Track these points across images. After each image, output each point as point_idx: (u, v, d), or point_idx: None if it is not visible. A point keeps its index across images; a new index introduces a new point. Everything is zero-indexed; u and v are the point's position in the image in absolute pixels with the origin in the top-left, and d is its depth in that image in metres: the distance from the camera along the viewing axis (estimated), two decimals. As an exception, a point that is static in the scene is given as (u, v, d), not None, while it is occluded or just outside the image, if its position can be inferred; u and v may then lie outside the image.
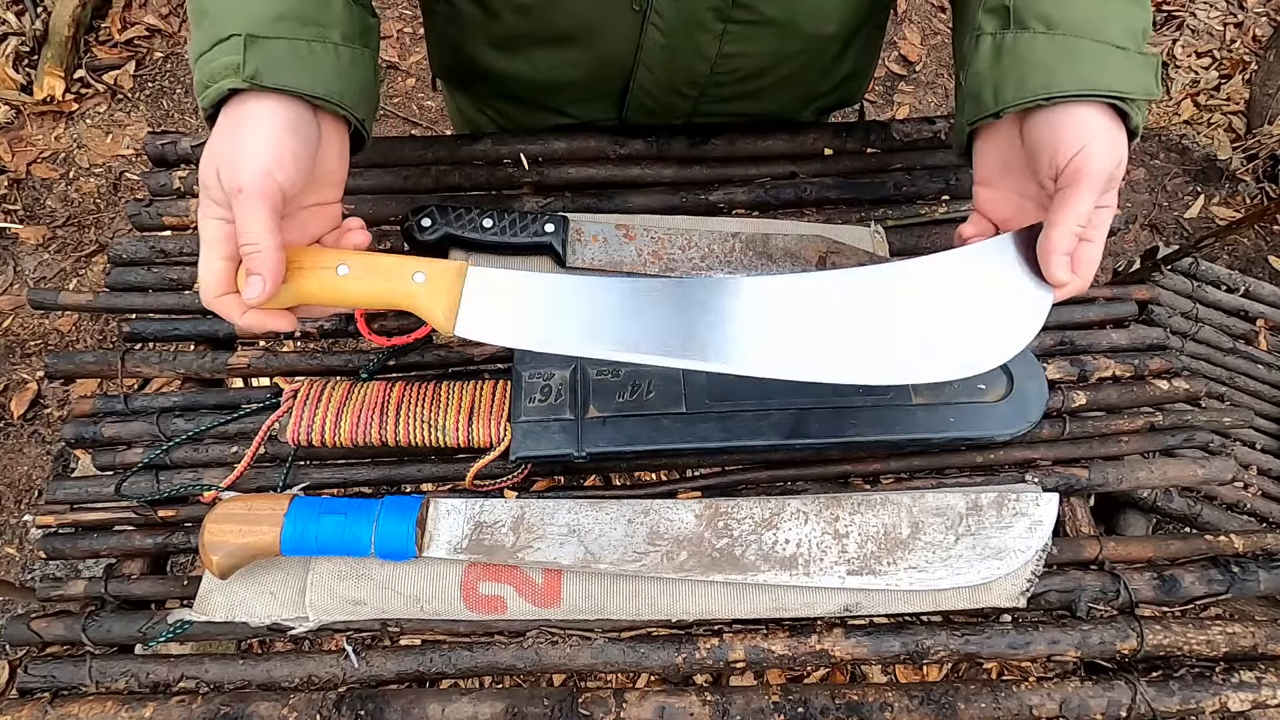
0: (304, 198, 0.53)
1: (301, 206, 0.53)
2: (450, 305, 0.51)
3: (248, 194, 0.46)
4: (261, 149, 0.47)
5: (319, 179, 0.53)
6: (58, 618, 0.59)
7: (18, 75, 2.00)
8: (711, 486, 0.63)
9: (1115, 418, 0.66)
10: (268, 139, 0.48)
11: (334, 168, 0.54)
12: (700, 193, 0.77)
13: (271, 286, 0.48)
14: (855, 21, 0.74)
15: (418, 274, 0.51)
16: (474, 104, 0.89)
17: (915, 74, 2.27)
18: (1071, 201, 0.49)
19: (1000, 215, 0.57)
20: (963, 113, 0.56)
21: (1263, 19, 2.36)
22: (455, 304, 0.51)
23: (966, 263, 0.53)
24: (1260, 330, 1.30)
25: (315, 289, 0.51)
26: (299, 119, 0.50)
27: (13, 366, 1.70)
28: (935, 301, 0.52)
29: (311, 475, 0.64)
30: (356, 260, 0.52)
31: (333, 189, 0.55)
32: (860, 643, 0.57)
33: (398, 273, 0.52)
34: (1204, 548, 0.62)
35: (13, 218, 1.87)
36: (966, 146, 0.58)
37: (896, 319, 0.51)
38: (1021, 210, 0.55)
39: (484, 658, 0.57)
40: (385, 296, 0.52)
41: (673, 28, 0.68)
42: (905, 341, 0.51)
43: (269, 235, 0.47)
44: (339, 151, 0.54)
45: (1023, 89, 0.51)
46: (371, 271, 0.52)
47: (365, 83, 0.55)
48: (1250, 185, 2.10)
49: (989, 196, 0.57)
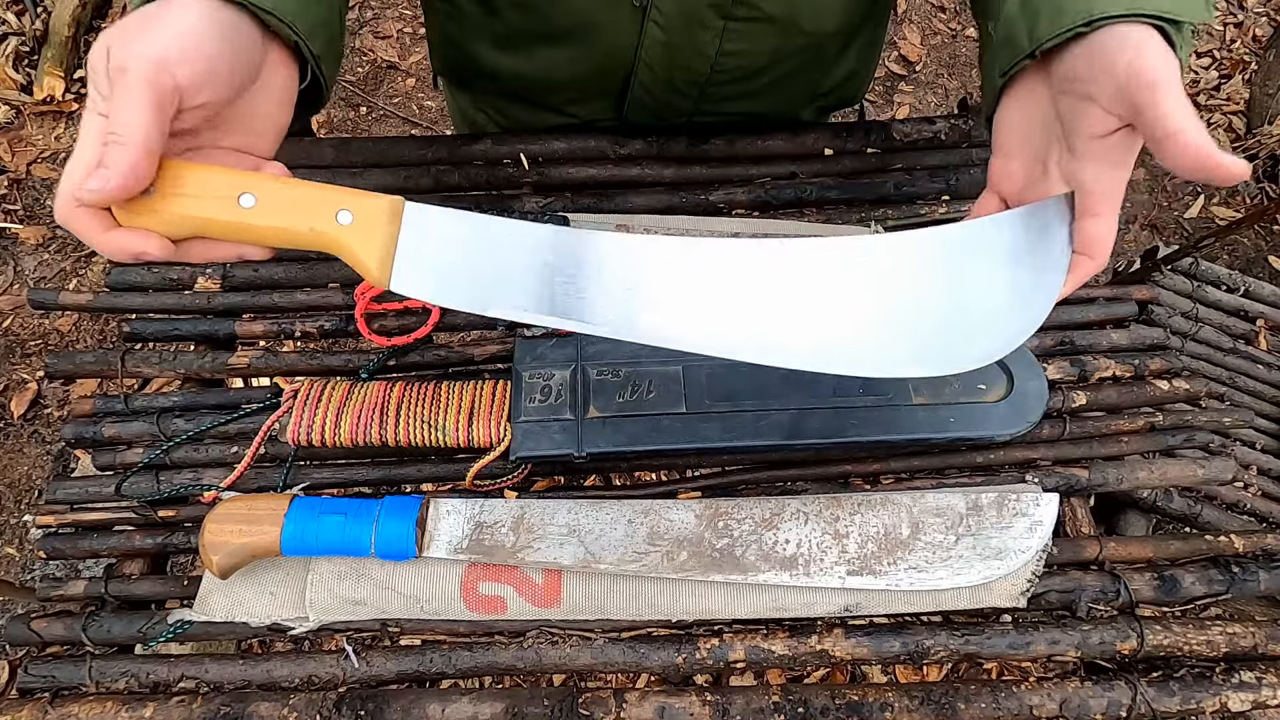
0: (222, 134, 0.44)
1: (216, 146, 0.44)
2: (384, 252, 0.42)
3: (131, 76, 0.38)
4: (168, 35, 0.39)
5: (248, 118, 0.44)
6: (58, 618, 0.59)
7: (18, 75, 2.00)
8: (712, 487, 0.63)
9: (1115, 418, 0.66)
10: (180, 28, 0.39)
11: (270, 110, 0.45)
12: (700, 193, 0.77)
13: (116, 185, 0.38)
14: (856, 19, 0.74)
15: (343, 212, 0.42)
16: (474, 103, 0.89)
17: (915, 74, 2.27)
18: (1161, 99, 0.40)
19: (1014, 188, 0.52)
20: (994, 67, 0.51)
21: (1263, 19, 2.35)
22: (390, 251, 0.42)
23: (966, 238, 0.47)
24: (1260, 330, 1.30)
25: (210, 221, 0.41)
26: (235, 27, 0.41)
27: (13, 366, 1.70)
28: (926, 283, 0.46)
29: (311, 475, 0.64)
30: (266, 189, 0.41)
31: (263, 137, 0.46)
32: (860, 643, 0.57)
33: (318, 209, 0.42)
34: (1204, 548, 0.62)
35: (13, 218, 1.87)
36: (993, 109, 0.52)
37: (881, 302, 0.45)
38: (1036, 181, 0.50)
39: (484, 658, 0.57)
40: (302, 237, 0.42)
41: (673, 24, 0.68)
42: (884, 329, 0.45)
43: (139, 129, 0.37)
44: (281, 90, 0.46)
45: (1060, 19, 0.45)
46: (284, 205, 0.41)
47: (326, 18, 0.47)
48: (1250, 185, 2.10)
49: (1004, 168, 0.52)
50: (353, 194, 0.42)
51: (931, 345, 0.45)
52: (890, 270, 0.45)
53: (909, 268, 0.46)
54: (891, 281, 0.45)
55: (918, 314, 0.45)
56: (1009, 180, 0.51)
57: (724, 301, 0.43)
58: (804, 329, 0.44)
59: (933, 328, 0.45)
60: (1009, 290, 0.46)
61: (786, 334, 0.44)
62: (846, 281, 0.45)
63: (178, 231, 0.41)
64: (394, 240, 0.42)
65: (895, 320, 0.45)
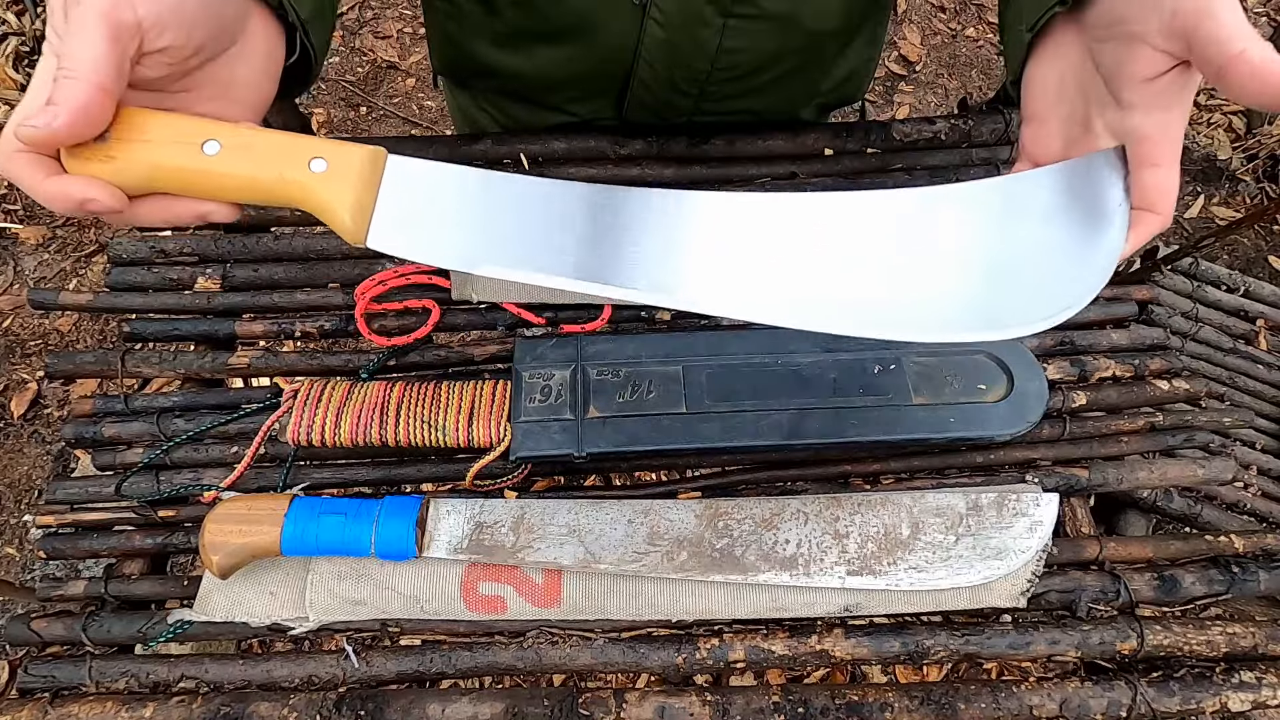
0: (194, 96, 0.40)
1: (188, 108, 0.40)
2: (360, 204, 0.39)
3: (86, 6, 0.34)
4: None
5: (225, 83, 0.41)
6: (58, 618, 0.59)
7: (18, 75, 2.00)
8: (711, 486, 0.63)
9: (1115, 418, 0.66)
10: None
11: (251, 78, 0.42)
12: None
13: (64, 123, 0.34)
14: (857, 18, 0.74)
15: (316, 160, 0.38)
16: (475, 102, 0.89)
17: (915, 74, 2.27)
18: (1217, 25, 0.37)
19: (1050, 152, 0.48)
20: (1018, 24, 0.47)
21: (1263, 19, 2.35)
22: (369, 203, 0.39)
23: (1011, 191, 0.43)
24: (1260, 330, 1.30)
25: (171, 169, 0.38)
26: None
27: (13, 366, 1.70)
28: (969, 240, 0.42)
29: (311, 475, 0.64)
30: (231, 136, 0.38)
31: (240, 105, 0.42)
32: (860, 643, 0.57)
33: (289, 155, 0.38)
34: (1204, 548, 0.62)
35: (13, 218, 1.87)
36: (1020, 71, 0.49)
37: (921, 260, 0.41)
38: (1074, 142, 0.46)
39: (484, 658, 0.57)
40: (270, 188, 0.39)
41: (673, 23, 0.68)
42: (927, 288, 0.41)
43: (93, 64, 0.34)
44: (264, 58, 0.42)
45: None
46: (251, 151, 0.38)
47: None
48: (1250, 185, 2.10)
49: (1036, 133, 0.48)
50: (329, 143, 0.39)
51: (981, 307, 0.41)
52: (930, 225, 0.42)
53: (951, 222, 0.42)
54: (933, 237, 0.41)
55: (963, 272, 0.41)
56: (1044, 146, 0.48)
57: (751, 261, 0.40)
58: (844, 291, 0.40)
59: (980, 288, 0.41)
60: (1061, 249, 0.42)
61: (827, 296, 0.40)
62: (884, 238, 0.41)
63: (132, 183, 0.38)
64: (374, 192, 0.39)
65: (940, 279, 0.41)
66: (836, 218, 0.41)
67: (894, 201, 0.42)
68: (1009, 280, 0.42)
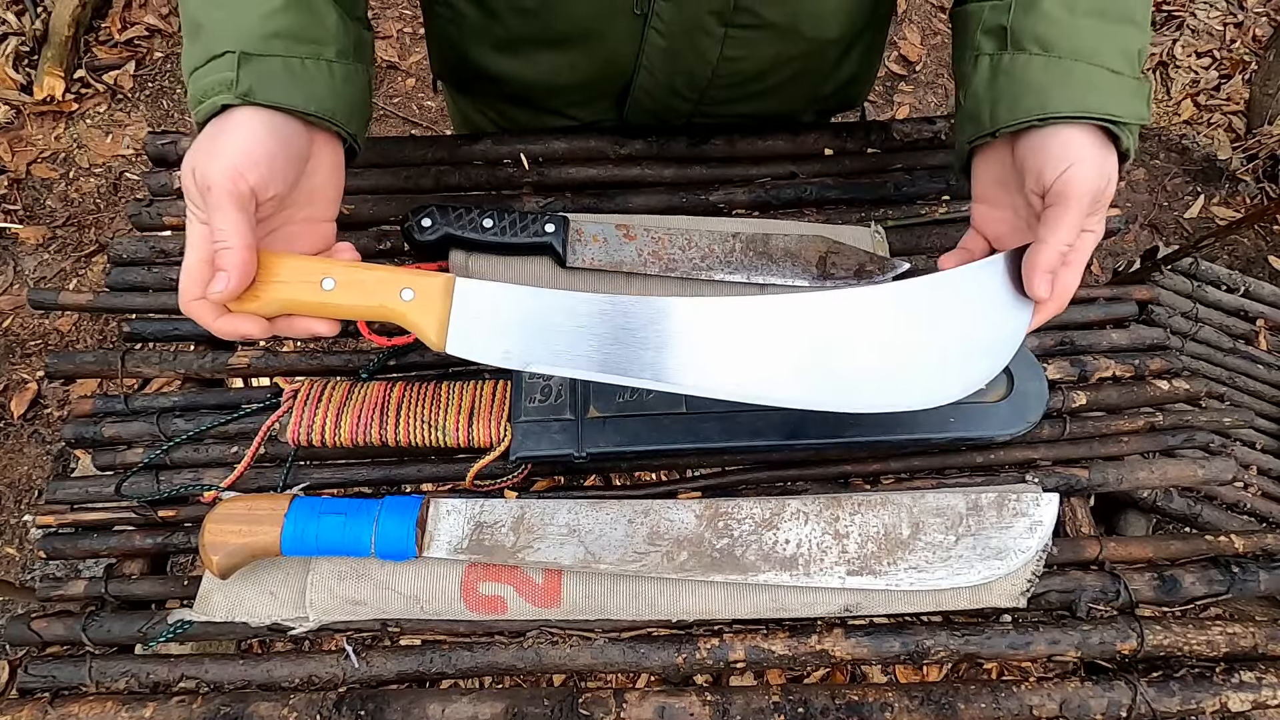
0: (293, 211, 0.53)
1: (291, 221, 0.53)
2: (440, 321, 0.51)
3: (216, 191, 0.46)
4: (234, 149, 0.47)
5: (310, 194, 0.53)
6: (58, 618, 0.59)
7: (18, 75, 2.00)
8: (712, 486, 0.63)
9: (1115, 418, 0.66)
10: (244, 139, 0.48)
11: (326, 183, 0.54)
12: (700, 193, 0.77)
13: (236, 283, 0.47)
14: (857, 25, 0.74)
15: (405, 290, 0.51)
16: (475, 105, 0.89)
17: (915, 74, 2.27)
18: (1057, 220, 0.50)
19: (995, 232, 0.58)
20: (962, 132, 0.58)
21: (1263, 19, 2.35)
22: (445, 319, 0.51)
23: (947, 286, 0.54)
24: (1260, 330, 1.30)
25: (299, 303, 0.50)
26: (285, 127, 0.50)
27: (13, 366, 1.70)
28: (910, 326, 0.53)
29: (311, 475, 0.64)
30: (343, 274, 0.51)
31: (324, 206, 0.55)
32: (860, 643, 0.57)
33: (385, 288, 0.51)
34: (1204, 548, 0.62)
35: (13, 218, 1.88)
36: (966, 164, 0.59)
37: (870, 344, 0.52)
38: (1016, 228, 0.57)
39: (484, 658, 0.57)
40: (373, 311, 0.51)
41: (674, 31, 0.68)
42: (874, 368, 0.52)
43: (235, 234, 0.46)
44: (332, 166, 0.54)
45: (1016, 110, 0.52)
46: (358, 287, 0.51)
47: (358, 98, 0.55)
48: (1250, 185, 2.10)
49: (985, 213, 0.58)
50: (412, 274, 0.51)
51: (918, 383, 0.52)
52: (882, 319, 0.53)
53: (901, 315, 0.53)
54: (886, 328, 0.53)
55: (909, 355, 0.52)
56: (992, 224, 0.58)
57: (747, 355, 0.51)
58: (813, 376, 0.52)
59: (919, 367, 0.53)
60: (983, 331, 0.53)
61: (804, 380, 0.52)
62: (838, 331, 0.52)
63: (271, 311, 0.50)
64: (448, 311, 0.51)
65: (896, 361, 0.52)
66: (796, 316, 0.52)
67: (847, 301, 0.53)
68: (943, 359, 0.53)
